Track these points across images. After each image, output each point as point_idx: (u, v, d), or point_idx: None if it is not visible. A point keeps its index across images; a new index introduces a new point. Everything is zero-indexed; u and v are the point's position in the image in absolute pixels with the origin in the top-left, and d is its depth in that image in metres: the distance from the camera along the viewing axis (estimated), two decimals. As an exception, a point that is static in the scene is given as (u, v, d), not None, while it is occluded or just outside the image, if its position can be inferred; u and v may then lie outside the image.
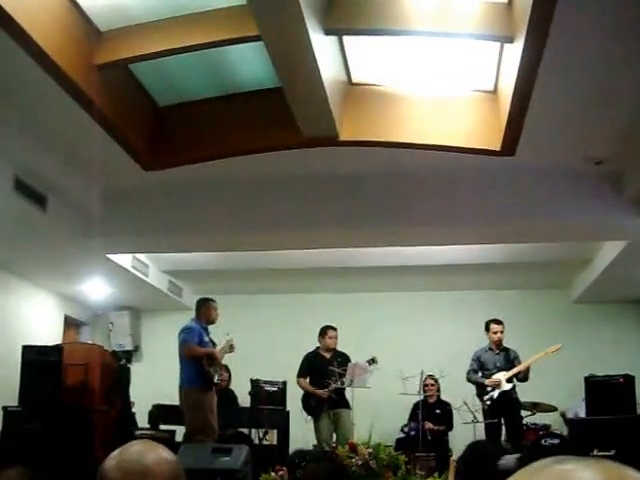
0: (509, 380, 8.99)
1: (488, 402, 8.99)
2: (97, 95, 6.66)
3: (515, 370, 8.97)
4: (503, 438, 9.04)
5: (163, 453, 1.80)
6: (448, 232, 9.13)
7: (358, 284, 12.19)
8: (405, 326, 12.29)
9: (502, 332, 9.24)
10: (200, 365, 8.22)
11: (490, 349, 9.30)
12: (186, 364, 8.31)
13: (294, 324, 12.15)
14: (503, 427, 9.08)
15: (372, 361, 9.28)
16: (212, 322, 8.71)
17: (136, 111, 7.73)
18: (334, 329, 9.67)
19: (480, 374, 9.19)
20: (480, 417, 9.12)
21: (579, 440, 8.75)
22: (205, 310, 8.71)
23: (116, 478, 1.70)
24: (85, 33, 6.48)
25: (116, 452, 1.80)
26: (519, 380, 9.08)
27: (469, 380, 9.26)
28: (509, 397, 8.99)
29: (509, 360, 9.13)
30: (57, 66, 6.03)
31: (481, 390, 9.13)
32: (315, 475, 3.14)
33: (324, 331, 9.69)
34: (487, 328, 9.33)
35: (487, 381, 9.03)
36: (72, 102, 6.66)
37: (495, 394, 8.96)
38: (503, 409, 8.96)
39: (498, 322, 9.30)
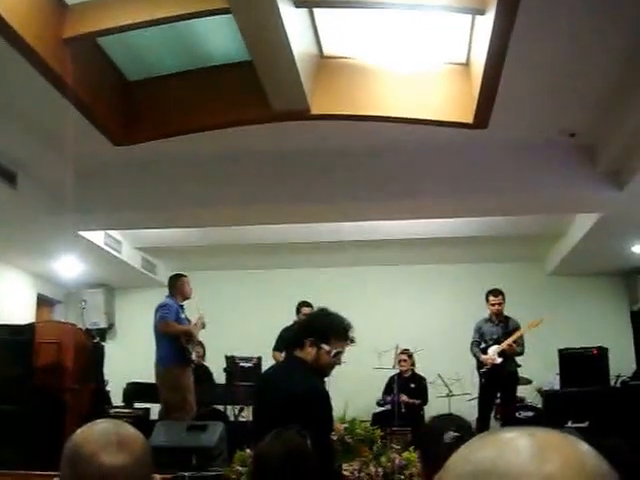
0: (500, 354, 8.89)
1: (483, 377, 8.89)
2: (65, 69, 6.53)
3: (503, 345, 8.85)
4: (493, 413, 9.01)
5: (132, 429, 1.79)
6: (421, 206, 9.12)
7: (333, 259, 12.18)
8: (380, 300, 12.30)
9: (500, 303, 9.03)
10: (178, 342, 8.15)
11: (490, 320, 9.15)
12: (163, 342, 8.22)
13: (269, 300, 12.13)
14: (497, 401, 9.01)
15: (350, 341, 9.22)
16: (187, 297, 8.60)
17: (105, 86, 7.62)
18: (308, 305, 9.60)
19: (483, 345, 9.04)
20: (476, 390, 9.04)
21: (553, 412, 8.82)
22: (180, 286, 8.60)
23: (93, 449, 1.64)
24: (51, 6, 6.36)
25: (85, 427, 1.75)
26: (513, 355, 8.97)
27: (472, 352, 9.10)
28: (503, 371, 8.88)
29: (508, 331, 8.96)
30: (22, 40, 5.91)
31: (480, 364, 9.04)
32: (268, 454, 3.08)
33: (299, 307, 9.65)
34: (487, 299, 9.14)
35: (482, 357, 8.91)
36: (40, 77, 6.54)
37: (487, 367, 8.83)
38: (498, 382, 8.89)
39: (496, 293, 9.09)
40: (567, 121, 7.85)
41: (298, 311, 9.62)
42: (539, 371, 10.73)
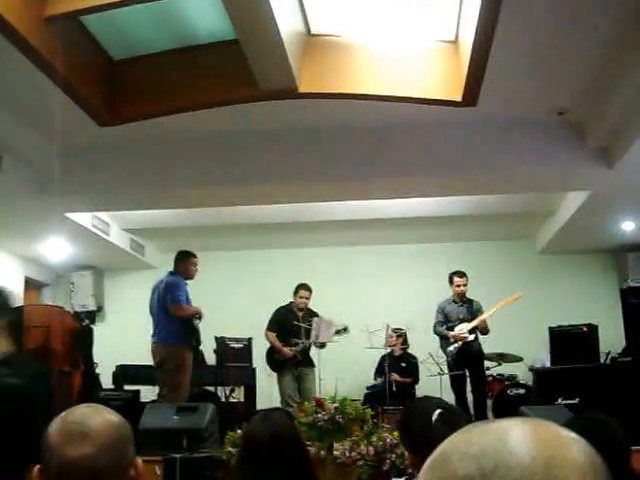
0: (471, 331, 9.02)
1: (451, 355, 8.99)
2: (48, 49, 6.42)
3: (476, 321, 8.99)
4: (468, 389, 9.10)
5: (108, 416, 1.79)
6: (411, 184, 9.07)
7: (323, 238, 12.15)
8: (371, 279, 12.29)
9: (465, 285, 9.26)
10: (190, 323, 8.06)
11: (454, 301, 9.33)
12: (174, 322, 8.06)
13: (258, 280, 12.11)
14: (468, 378, 9.13)
15: (343, 330, 9.18)
16: (190, 278, 8.49)
17: (90, 65, 7.51)
18: (306, 288, 9.48)
19: (445, 326, 9.21)
20: (445, 369, 9.13)
21: (544, 389, 8.84)
22: (187, 264, 8.49)
23: (56, 440, 1.70)
24: (33, -16, 6.25)
25: (61, 415, 1.78)
26: (481, 333, 9.12)
27: (435, 332, 9.27)
28: (472, 349, 9.03)
29: (472, 312, 9.15)
30: (3, 18, 5.80)
31: (445, 343, 9.14)
32: (256, 435, 3.06)
33: (296, 290, 9.54)
34: (450, 281, 9.35)
35: (450, 334, 9.04)
36: (24, 57, 6.43)
37: (457, 345, 8.96)
38: (467, 361, 9.01)
39: (461, 275, 9.30)
40: (556, 99, 7.81)
41: (295, 293, 9.52)
42: (530, 349, 10.76)
